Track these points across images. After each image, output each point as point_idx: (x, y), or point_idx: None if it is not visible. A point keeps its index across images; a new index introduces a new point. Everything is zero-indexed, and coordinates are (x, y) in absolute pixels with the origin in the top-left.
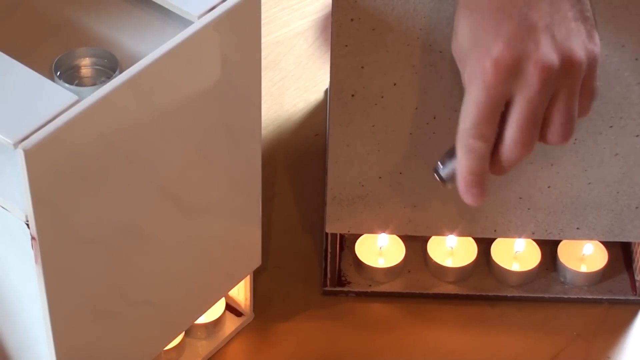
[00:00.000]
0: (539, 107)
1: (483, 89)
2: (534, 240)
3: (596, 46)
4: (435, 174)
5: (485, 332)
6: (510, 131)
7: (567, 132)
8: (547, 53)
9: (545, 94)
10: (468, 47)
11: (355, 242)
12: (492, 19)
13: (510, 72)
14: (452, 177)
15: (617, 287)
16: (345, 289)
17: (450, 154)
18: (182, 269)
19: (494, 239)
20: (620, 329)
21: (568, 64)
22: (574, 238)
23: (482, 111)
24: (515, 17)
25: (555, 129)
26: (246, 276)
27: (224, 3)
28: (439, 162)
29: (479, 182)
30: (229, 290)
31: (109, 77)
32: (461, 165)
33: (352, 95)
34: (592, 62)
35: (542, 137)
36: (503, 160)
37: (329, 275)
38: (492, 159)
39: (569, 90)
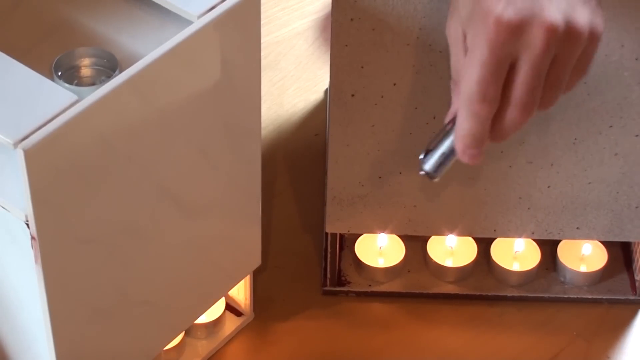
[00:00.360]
0: (543, 69)
1: (488, 49)
2: (534, 240)
3: (600, 24)
4: (420, 169)
5: (485, 332)
6: (515, 93)
7: (552, 99)
8: (553, 15)
9: (548, 57)
10: (470, 14)
11: (355, 242)
12: None
13: (515, 31)
14: (437, 169)
15: (617, 287)
16: (345, 288)
17: (431, 146)
18: (182, 269)
19: (493, 239)
20: (620, 329)
21: (571, 30)
22: (574, 238)
23: (487, 72)
24: None
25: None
26: (246, 276)
27: (224, 3)
28: (421, 157)
29: (478, 144)
30: (229, 290)
31: (109, 77)
32: (462, 128)
33: (352, 95)
34: (593, 37)
35: None
36: (505, 126)
37: (329, 275)
38: (493, 125)
39: (565, 58)
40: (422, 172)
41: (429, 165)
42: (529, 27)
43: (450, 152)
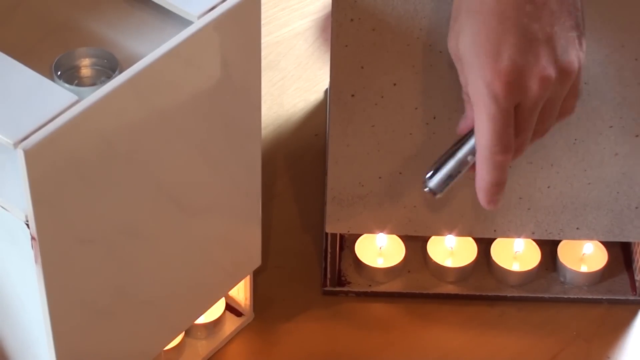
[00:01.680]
0: (537, 112)
1: (495, 105)
2: (534, 240)
3: (584, 52)
4: (424, 187)
5: (485, 332)
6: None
7: (543, 131)
8: (546, 66)
9: (543, 101)
10: (471, 55)
11: (355, 242)
12: (495, 30)
13: (515, 84)
14: (442, 187)
15: (617, 287)
16: (345, 289)
17: (437, 165)
18: (182, 269)
19: (493, 239)
20: (620, 329)
21: (564, 74)
22: (573, 238)
23: (499, 125)
24: (518, 29)
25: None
26: (246, 276)
27: (224, 3)
28: (426, 176)
29: (502, 189)
30: (229, 290)
31: (109, 77)
32: (485, 180)
33: (352, 95)
34: (580, 68)
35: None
36: None
37: (329, 275)
38: None
39: (558, 94)
40: (427, 189)
41: (434, 183)
42: (525, 78)
43: (457, 173)
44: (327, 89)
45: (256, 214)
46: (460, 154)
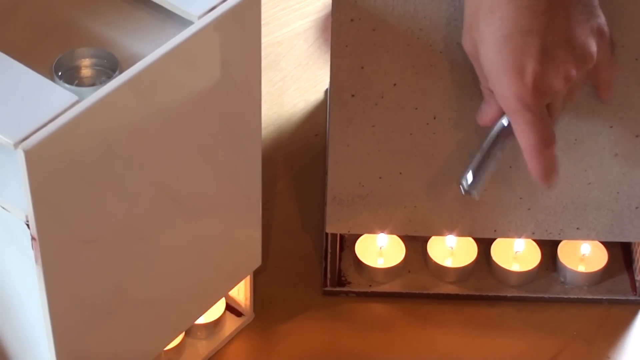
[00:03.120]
0: (564, 98)
1: (529, 112)
2: (534, 240)
3: (604, 25)
4: (461, 190)
5: (485, 332)
6: None
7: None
8: (567, 67)
9: (567, 89)
10: (497, 72)
11: (356, 242)
12: (517, 44)
13: (543, 91)
14: (477, 186)
15: (617, 287)
16: (345, 289)
17: (471, 166)
18: (182, 269)
19: (494, 239)
20: (620, 329)
21: (584, 65)
22: (574, 238)
23: (537, 125)
24: (539, 41)
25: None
26: (246, 276)
27: (224, 3)
28: (462, 179)
29: (555, 170)
30: (229, 290)
31: (109, 78)
32: (538, 171)
33: (352, 96)
34: (604, 38)
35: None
36: None
37: (329, 275)
38: None
39: (581, 76)
40: (464, 192)
41: (470, 185)
42: (550, 82)
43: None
44: (327, 89)
45: (256, 214)
46: (493, 151)
